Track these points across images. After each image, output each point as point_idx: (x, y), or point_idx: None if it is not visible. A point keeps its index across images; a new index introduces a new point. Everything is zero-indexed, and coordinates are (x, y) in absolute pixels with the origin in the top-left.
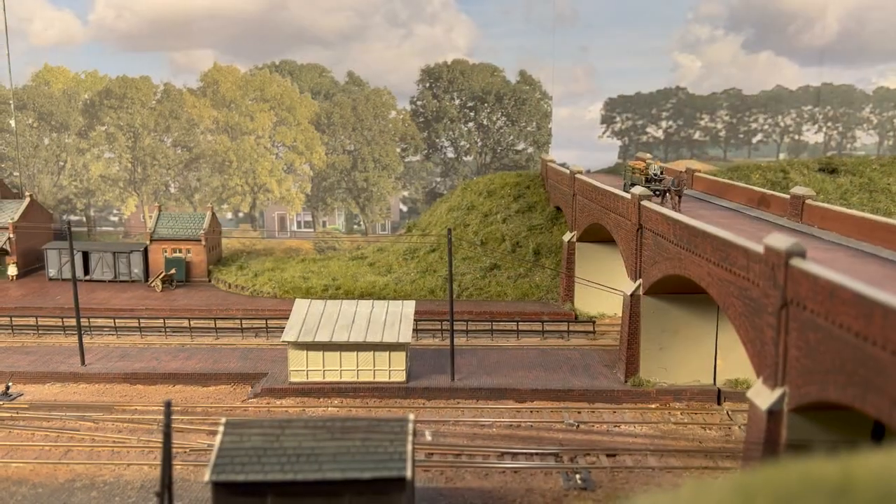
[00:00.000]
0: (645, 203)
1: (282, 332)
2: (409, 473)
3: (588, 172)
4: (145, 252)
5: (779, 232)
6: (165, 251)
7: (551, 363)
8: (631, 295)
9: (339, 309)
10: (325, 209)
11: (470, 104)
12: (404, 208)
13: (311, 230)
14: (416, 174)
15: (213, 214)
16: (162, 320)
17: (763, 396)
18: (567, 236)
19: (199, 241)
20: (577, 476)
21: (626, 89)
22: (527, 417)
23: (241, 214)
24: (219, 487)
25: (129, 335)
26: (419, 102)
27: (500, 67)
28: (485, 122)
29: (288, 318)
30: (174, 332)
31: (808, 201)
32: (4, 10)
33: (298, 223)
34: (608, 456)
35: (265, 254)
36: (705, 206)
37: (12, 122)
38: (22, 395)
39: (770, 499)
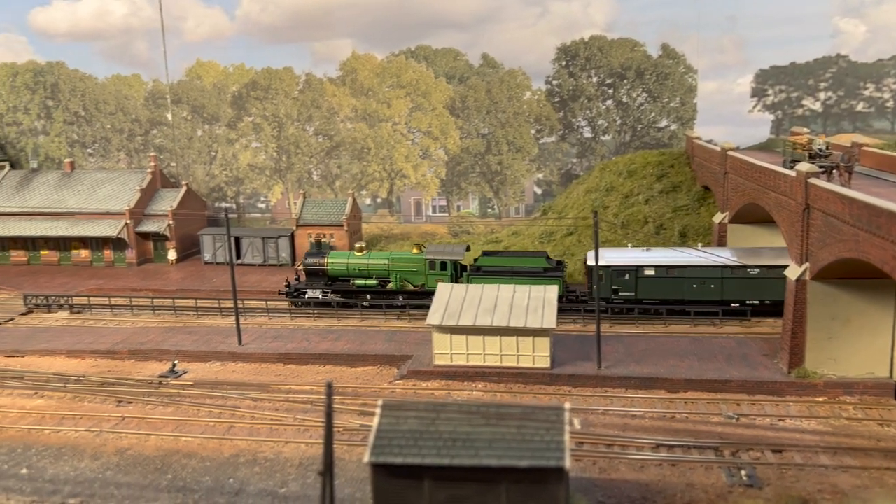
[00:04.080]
0: (813, 180)
1: (422, 314)
2: (567, 463)
3: (738, 149)
4: (292, 237)
5: None
6: (310, 236)
7: (704, 352)
8: (796, 280)
9: (480, 293)
10: (460, 193)
11: (608, 81)
12: (539, 191)
13: (446, 214)
14: (552, 156)
15: (354, 200)
16: (310, 303)
17: None
18: (718, 217)
19: (342, 226)
20: (742, 472)
21: (779, 59)
22: (681, 408)
23: (379, 200)
24: (377, 469)
25: (280, 317)
26: (555, 82)
27: (641, 42)
28: (624, 100)
29: (429, 302)
30: (321, 314)
31: None
32: (161, 10)
33: (433, 208)
34: (774, 452)
35: (402, 238)
36: (878, 184)
37: (169, 116)
38: (186, 372)
39: None
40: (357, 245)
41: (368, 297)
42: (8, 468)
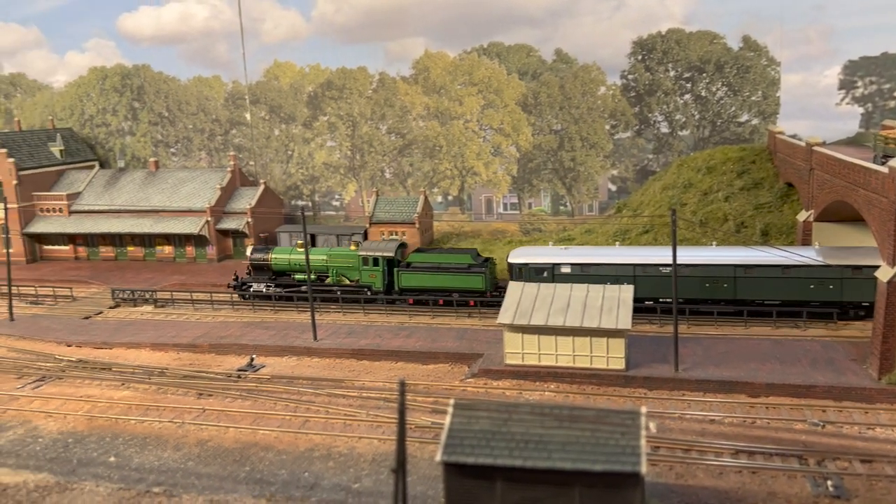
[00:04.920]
0: None
1: (493, 312)
2: (643, 469)
3: (824, 144)
4: (365, 234)
5: None
6: (383, 234)
7: (787, 355)
8: (888, 282)
9: (553, 292)
10: (531, 191)
11: (686, 75)
12: (613, 188)
13: (517, 212)
14: (627, 152)
15: (426, 198)
16: (382, 299)
17: None
18: (802, 215)
19: (413, 223)
20: (828, 482)
21: (869, 49)
22: (762, 414)
23: (450, 197)
24: (449, 468)
25: (354, 313)
26: (630, 76)
27: (721, 34)
28: (703, 94)
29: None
30: (393, 311)
31: None
32: (240, 13)
33: (504, 205)
34: (863, 462)
35: (473, 236)
36: None
37: (248, 116)
38: (264, 366)
39: None
40: (298, 241)
41: (303, 289)
42: (97, 456)
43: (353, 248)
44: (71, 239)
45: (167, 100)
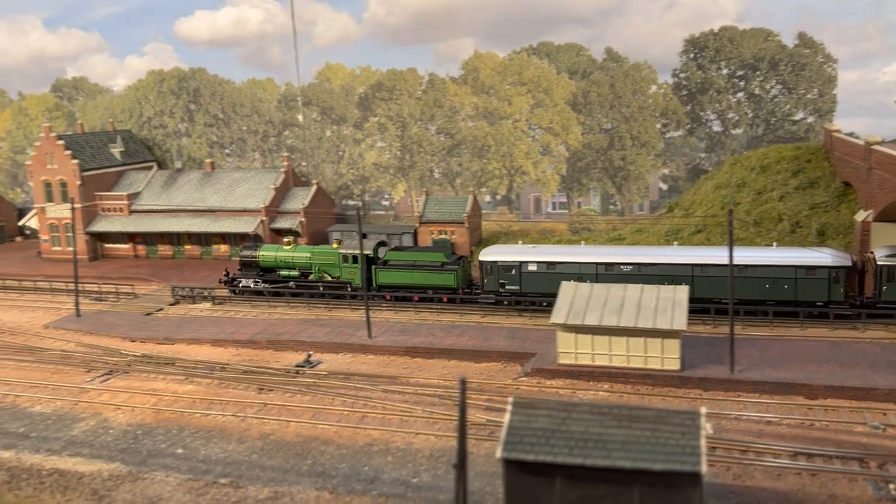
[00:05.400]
0: None
1: (544, 312)
2: (703, 469)
3: (883, 142)
4: (415, 234)
5: None
6: (432, 233)
7: (846, 357)
8: None
9: (606, 292)
10: (581, 190)
11: (739, 73)
12: (664, 187)
13: (566, 211)
14: (678, 150)
15: (475, 198)
16: (434, 298)
17: None
18: (860, 216)
19: (462, 223)
20: (890, 485)
21: None
22: (820, 416)
23: (498, 197)
24: (509, 465)
25: (405, 311)
26: (682, 75)
27: (775, 31)
28: (756, 92)
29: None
30: (444, 310)
31: None
32: (293, 16)
33: (553, 204)
34: None
35: (521, 235)
36: None
37: (300, 117)
38: (321, 363)
39: None
40: (285, 239)
41: (292, 284)
42: (165, 447)
43: (335, 246)
44: (131, 237)
45: (222, 102)
